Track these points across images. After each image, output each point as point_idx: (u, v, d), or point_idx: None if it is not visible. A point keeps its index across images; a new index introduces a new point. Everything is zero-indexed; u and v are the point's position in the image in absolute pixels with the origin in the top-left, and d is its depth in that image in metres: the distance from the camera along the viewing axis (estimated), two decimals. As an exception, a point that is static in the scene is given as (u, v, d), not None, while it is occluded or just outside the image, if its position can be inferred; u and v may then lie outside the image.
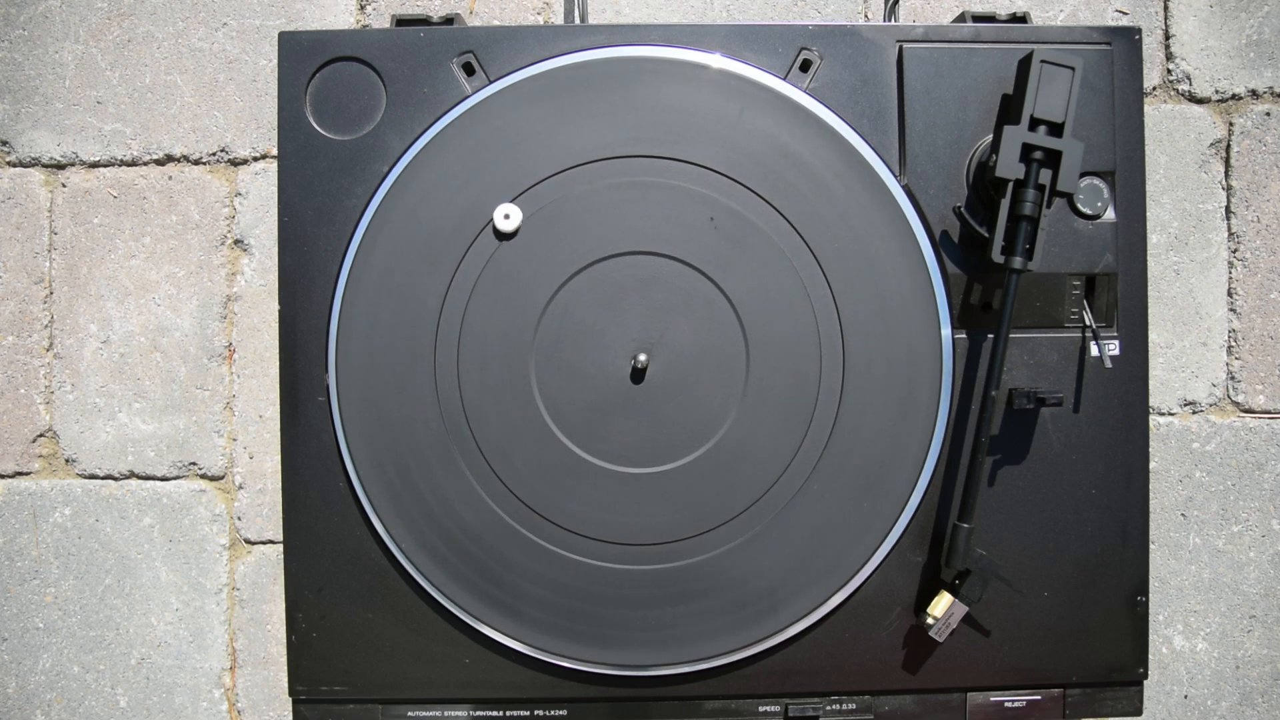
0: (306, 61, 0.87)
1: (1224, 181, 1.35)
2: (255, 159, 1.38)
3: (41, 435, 1.38)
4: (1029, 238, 0.82)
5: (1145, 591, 0.89)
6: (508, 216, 0.83)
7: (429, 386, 0.86)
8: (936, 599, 0.85)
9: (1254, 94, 1.34)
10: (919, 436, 0.87)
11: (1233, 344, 1.35)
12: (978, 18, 0.92)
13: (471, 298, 0.86)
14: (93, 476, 1.37)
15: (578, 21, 1.12)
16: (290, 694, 0.88)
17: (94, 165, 1.37)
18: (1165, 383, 1.35)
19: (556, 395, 0.86)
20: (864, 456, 0.87)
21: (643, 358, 0.85)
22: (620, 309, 0.86)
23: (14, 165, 1.38)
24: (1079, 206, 0.88)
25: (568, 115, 0.87)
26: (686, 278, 0.86)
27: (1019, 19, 0.92)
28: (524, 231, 0.86)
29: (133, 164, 1.37)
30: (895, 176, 0.87)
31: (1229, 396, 1.35)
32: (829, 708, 0.89)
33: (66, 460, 1.38)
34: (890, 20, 1.08)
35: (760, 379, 0.86)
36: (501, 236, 0.85)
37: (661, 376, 0.86)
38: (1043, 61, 0.82)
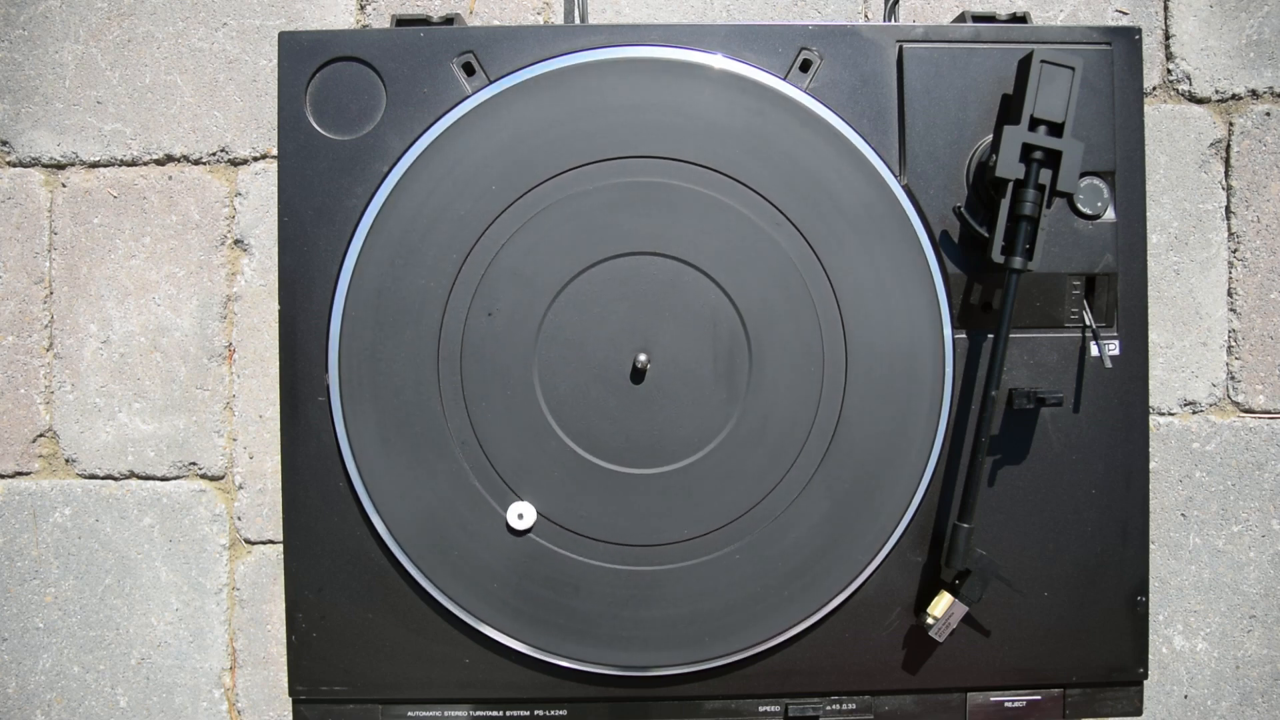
0: (306, 61, 0.87)
1: (1224, 181, 1.35)
2: (255, 159, 1.38)
3: (41, 435, 1.38)
4: (1029, 238, 0.82)
5: (1145, 591, 0.89)
6: (521, 516, 0.85)
7: (431, 386, 0.86)
8: (936, 599, 0.85)
9: (1254, 94, 1.34)
10: (919, 436, 0.87)
11: (1233, 344, 1.35)
12: (978, 18, 0.92)
13: (474, 297, 0.86)
14: (93, 476, 1.37)
15: (578, 21, 1.12)
16: (290, 694, 0.88)
17: (94, 165, 1.37)
18: (1165, 383, 1.35)
19: (558, 395, 0.86)
20: (865, 456, 0.87)
21: (643, 358, 0.85)
22: (622, 309, 0.86)
23: (14, 165, 1.38)
24: (1079, 206, 0.88)
25: (568, 115, 0.87)
26: (688, 278, 0.86)
27: (1019, 19, 0.92)
28: (525, 231, 0.86)
29: (133, 164, 1.37)
30: (895, 176, 0.87)
31: (1229, 396, 1.35)
32: (829, 708, 0.89)
33: (66, 460, 1.38)
34: (890, 20, 1.08)
35: (762, 379, 0.86)
36: (514, 533, 0.86)
37: (663, 377, 0.86)
38: (1043, 61, 0.82)
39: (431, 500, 0.87)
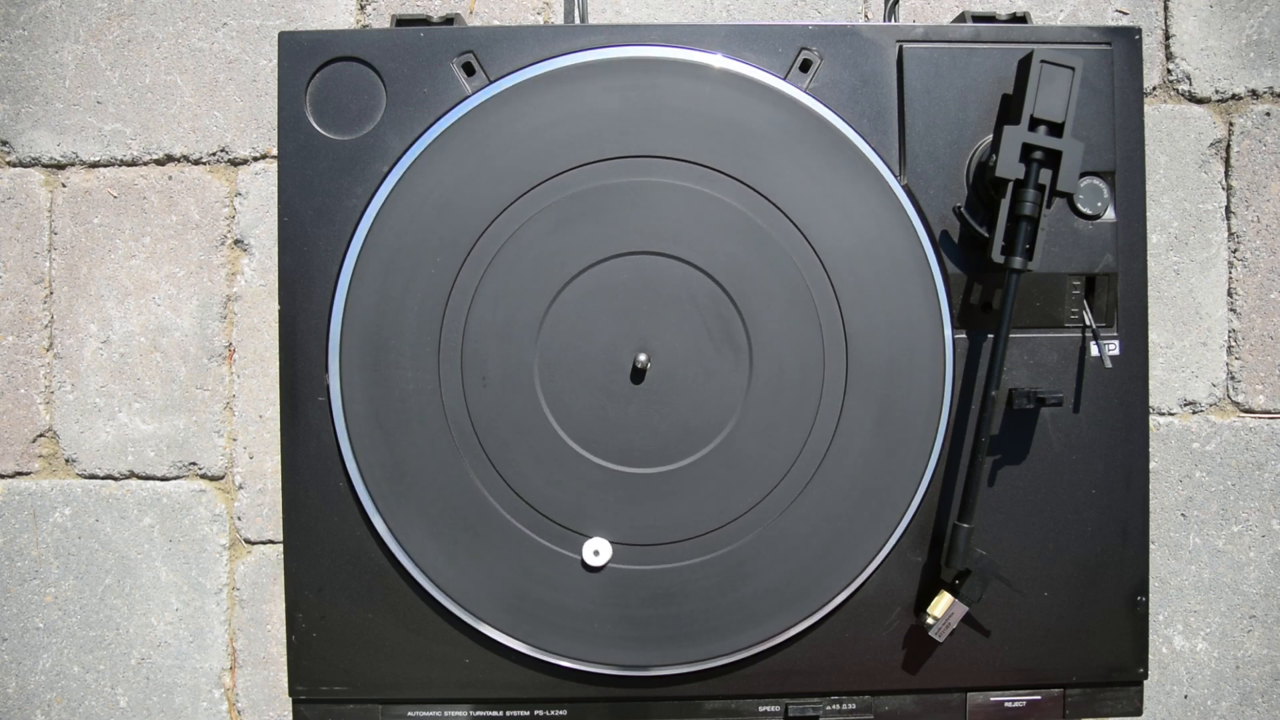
0: (306, 61, 0.87)
1: (1224, 181, 1.35)
2: (255, 159, 1.38)
3: (41, 435, 1.38)
4: (1029, 238, 0.82)
5: (1145, 591, 0.89)
6: (597, 553, 0.85)
7: (431, 386, 0.86)
8: (936, 599, 0.85)
9: (1254, 94, 1.34)
10: (919, 436, 0.87)
11: (1233, 344, 1.35)
12: (978, 18, 0.92)
13: (474, 297, 0.86)
14: (93, 476, 1.37)
15: (578, 21, 1.12)
16: (290, 694, 0.88)
17: (94, 165, 1.37)
18: (1165, 383, 1.35)
19: (559, 394, 0.86)
20: (865, 456, 0.87)
21: (643, 358, 0.85)
22: (622, 309, 0.86)
23: (14, 165, 1.38)
24: (1079, 206, 0.88)
25: (568, 115, 0.87)
26: (689, 277, 0.86)
27: (1019, 19, 0.92)
28: (525, 231, 0.86)
29: (133, 164, 1.37)
30: (895, 176, 0.87)
31: (1229, 396, 1.35)
32: (829, 708, 0.89)
33: (66, 460, 1.38)
34: (890, 20, 1.08)
35: (763, 379, 0.86)
36: (590, 570, 0.86)
37: (663, 377, 0.86)
38: (1043, 61, 0.82)
39: (432, 499, 0.87)
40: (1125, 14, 1.36)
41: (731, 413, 0.86)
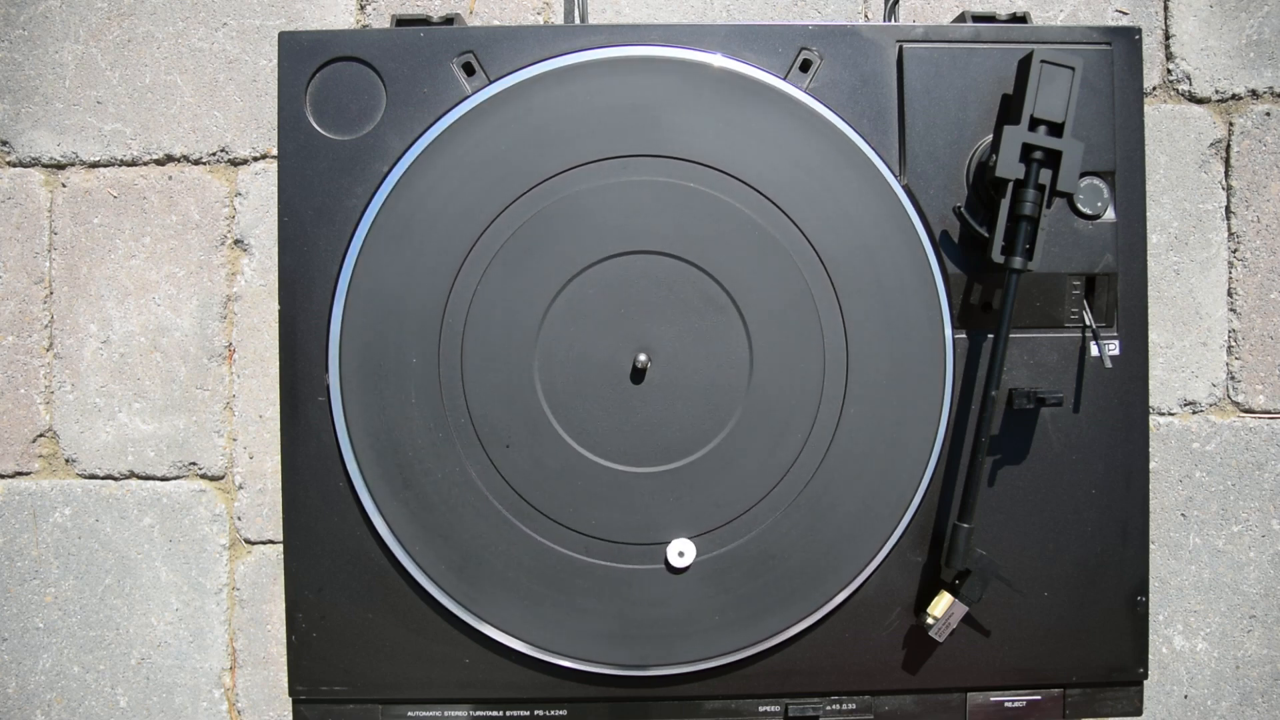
0: (306, 61, 0.87)
1: (1224, 181, 1.35)
2: (255, 159, 1.38)
3: (41, 435, 1.38)
4: (1029, 238, 0.82)
5: (1145, 591, 0.89)
6: (681, 554, 0.85)
7: (432, 386, 0.86)
8: (936, 599, 0.85)
9: (1254, 94, 1.34)
10: (919, 436, 0.87)
11: (1233, 344, 1.35)
12: (978, 18, 0.92)
13: (474, 297, 0.86)
14: (93, 476, 1.37)
15: (578, 21, 1.12)
16: (290, 694, 0.88)
17: (94, 165, 1.37)
18: (1165, 383, 1.35)
19: (560, 394, 0.86)
20: (865, 456, 0.87)
21: (643, 358, 0.85)
22: (622, 308, 0.86)
23: (14, 165, 1.38)
24: (1079, 206, 0.88)
25: (568, 115, 0.87)
26: (689, 277, 0.86)
27: (1019, 19, 0.92)
28: (525, 230, 0.86)
29: (133, 164, 1.37)
30: (895, 176, 0.87)
31: (1229, 396, 1.35)
32: (829, 708, 0.89)
33: (66, 460, 1.38)
34: (890, 20, 1.08)
35: (763, 379, 0.86)
36: (673, 571, 0.86)
37: (664, 376, 0.86)
38: (1043, 61, 0.82)
39: (432, 499, 0.87)
40: (1125, 14, 1.36)
41: (731, 413, 0.86)
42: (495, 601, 0.87)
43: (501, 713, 0.89)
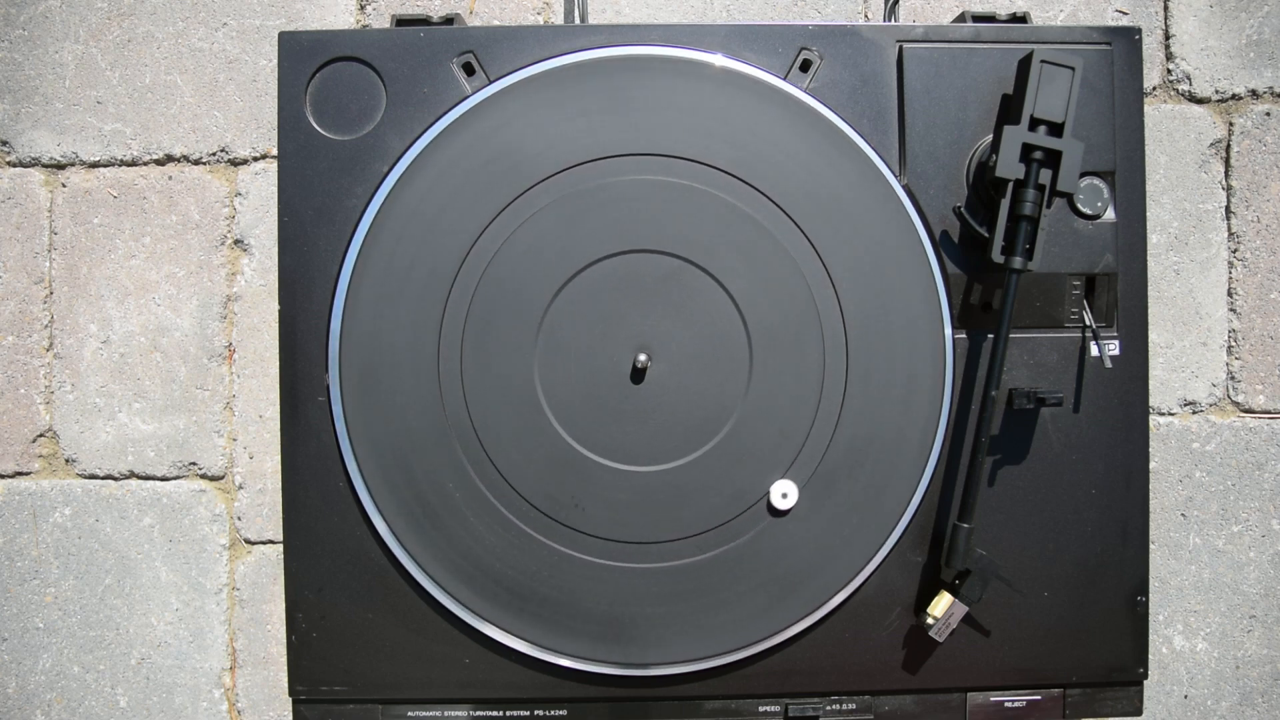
0: (306, 61, 0.87)
1: (1224, 181, 1.35)
2: (255, 159, 1.38)
3: (41, 435, 1.38)
4: (1029, 238, 0.82)
5: (1145, 591, 0.89)
6: (785, 495, 0.85)
7: (431, 386, 0.86)
8: (936, 599, 0.85)
9: (1254, 94, 1.34)
10: (919, 436, 0.87)
11: (1233, 344, 1.35)
12: (978, 18, 0.92)
13: (474, 297, 0.86)
14: (93, 476, 1.37)
15: (578, 21, 1.12)
16: (290, 694, 0.88)
17: (94, 165, 1.37)
18: (1165, 383, 1.35)
19: (559, 393, 0.86)
20: (864, 455, 0.87)
21: (643, 358, 0.85)
22: (622, 308, 0.86)
23: (14, 165, 1.38)
24: (1079, 206, 0.88)
25: (568, 114, 0.87)
26: (689, 276, 0.86)
27: (1019, 19, 0.92)
28: (524, 230, 0.86)
29: (133, 164, 1.37)
30: (895, 176, 0.87)
31: (1229, 396, 1.35)
32: (829, 708, 0.89)
33: (66, 460, 1.38)
34: (890, 20, 1.08)
35: (763, 378, 0.86)
36: (776, 514, 0.86)
37: (664, 376, 0.86)
38: (1043, 61, 0.82)
39: (432, 500, 0.87)
40: (1125, 14, 1.36)
41: (731, 412, 0.86)
42: (495, 601, 0.87)
43: (501, 713, 0.89)
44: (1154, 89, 1.35)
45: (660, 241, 0.86)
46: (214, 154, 1.37)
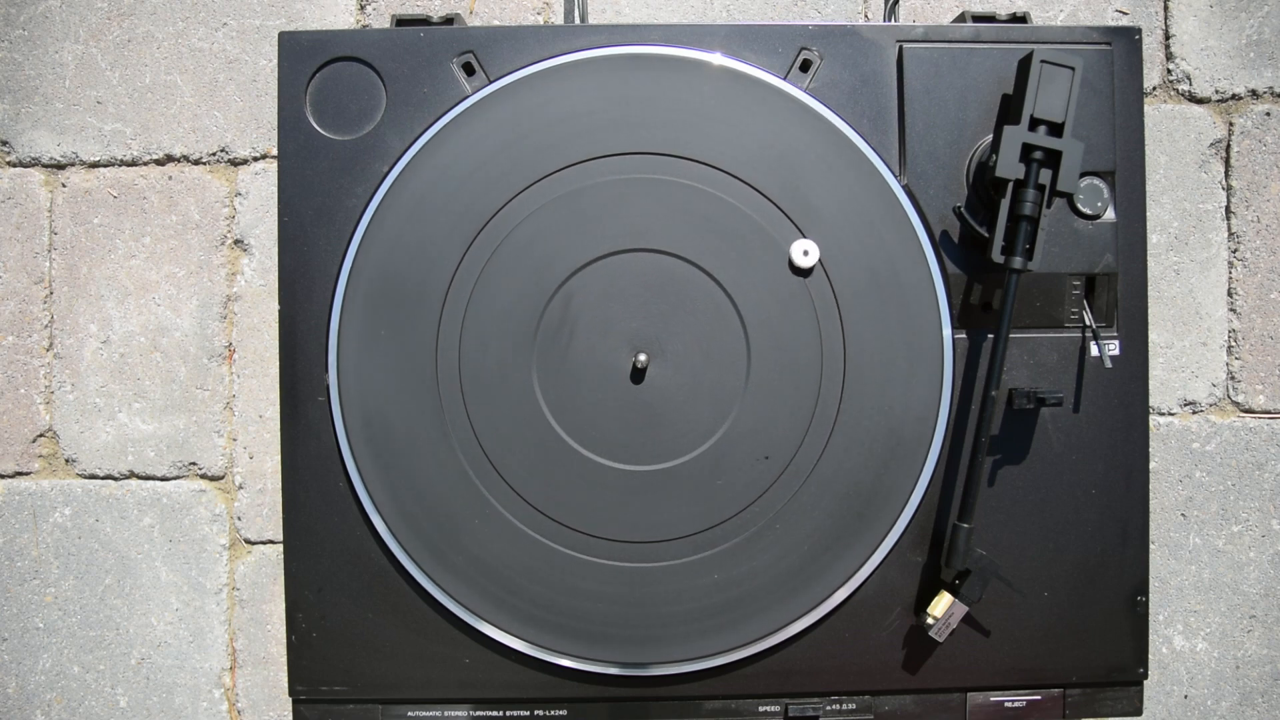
0: (306, 61, 0.87)
1: (1224, 181, 1.35)
2: (255, 159, 1.38)
3: (41, 435, 1.38)
4: (1029, 238, 0.82)
5: (1145, 591, 0.89)
6: (806, 253, 0.84)
7: (430, 386, 0.86)
8: (936, 599, 0.85)
9: (1254, 94, 1.34)
10: (919, 436, 0.87)
11: (1233, 344, 1.35)
12: (978, 18, 0.92)
13: (472, 296, 0.86)
14: (93, 476, 1.38)
15: (578, 21, 1.12)
16: (290, 694, 0.88)
17: (94, 165, 1.37)
18: (1165, 383, 1.35)
19: (558, 393, 0.86)
20: (864, 456, 0.87)
21: (643, 358, 0.85)
22: (622, 307, 0.86)
23: (14, 165, 1.38)
24: (1079, 206, 0.88)
25: (568, 114, 0.87)
26: (688, 275, 0.86)
27: (1019, 19, 0.92)
28: (524, 229, 0.86)
29: (133, 164, 1.37)
30: (895, 176, 0.87)
31: (1229, 396, 1.35)
32: (829, 708, 0.89)
33: (66, 460, 1.38)
34: (890, 20, 1.08)
35: (761, 377, 0.86)
36: (798, 272, 0.86)
37: (663, 375, 0.86)
38: (1043, 61, 0.82)
39: (432, 500, 0.87)
40: (1125, 14, 1.36)
41: (729, 411, 0.86)
42: (495, 601, 0.87)
43: (501, 713, 0.89)
44: (1154, 89, 1.35)
45: (659, 241, 0.86)
46: (214, 154, 1.37)
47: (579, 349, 0.86)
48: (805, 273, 0.85)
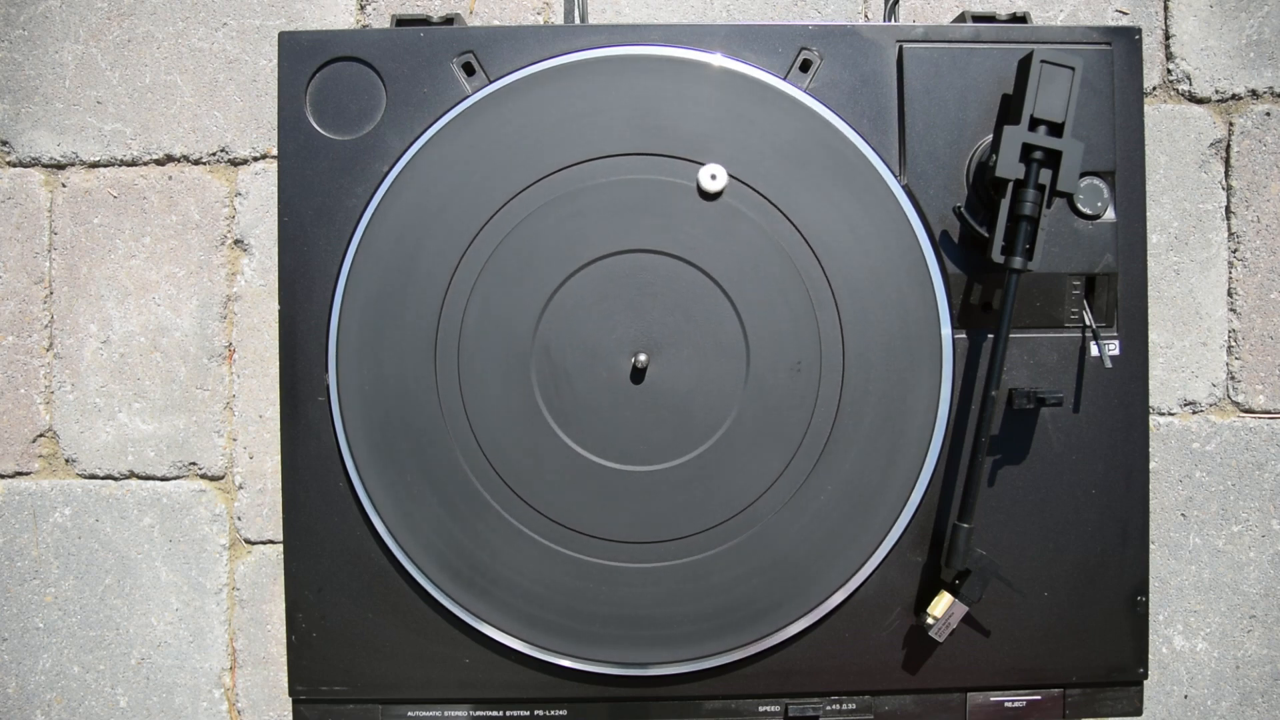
0: (306, 61, 0.87)
1: (1224, 181, 1.35)
2: (255, 159, 1.38)
3: (41, 435, 1.38)
4: (1029, 238, 0.82)
5: (1145, 591, 0.89)
6: (714, 176, 0.83)
7: (429, 386, 0.86)
8: (936, 599, 0.85)
9: (1254, 94, 1.34)
10: (919, 436, 0.87)
11: (1233, 344, 1.35)
12: (978, 18, 0.92)
13: (471, 296, 0.86)
14: (93, 476, 1.38)
15: (578, 21, 1.12)
16: (290, 694, 0.88)
17: (94, 165, 1.37)
18: (1165, 383, 1.35)
19: (557, 393, 0.86)
20: (864, 456, 0.87)
21: (643, 358, 0.85)
22: (621, 307, 0.86)
23: (14, 165, 1.38)
24: (1079, 206, 0.88)
25: (567, 114, 0.87)
26: (687, 276, 0.86)
27: (1019, 19, 0.92)
28: (523, 229, 0.86)
29: (133, 164, 1.37)
30: (895, 176, 0.87)
31: (1229, 396, 1.35)
32: (829, 708, 0.89)
33: (66, 460, 1.38)
34: (890, 20, 1.08)
35: (760, 377, 0.86)
36: (706, 197, 0.85)
37: (662, 375, 0.86)
38: (1043, 61, 0.82)
39: (431, 500, 0.87)
40: (1125, 14, 1.36)
41: (729, 411, 0.86)
42: (495, 601, 0.87)
43: (501, 713, 0.89)
44: (1154, 89, 1.35)
45: (658, 242, 0.86)
46: (214, 154, 1.37)
47: (579, 349, 0.86)
48: (713, 196, 0.85)
